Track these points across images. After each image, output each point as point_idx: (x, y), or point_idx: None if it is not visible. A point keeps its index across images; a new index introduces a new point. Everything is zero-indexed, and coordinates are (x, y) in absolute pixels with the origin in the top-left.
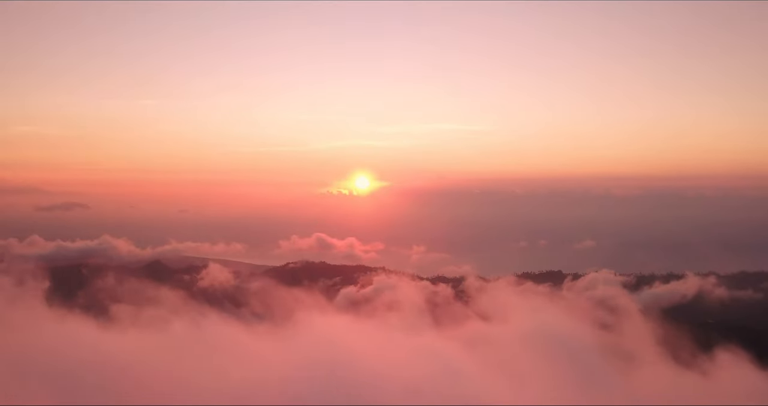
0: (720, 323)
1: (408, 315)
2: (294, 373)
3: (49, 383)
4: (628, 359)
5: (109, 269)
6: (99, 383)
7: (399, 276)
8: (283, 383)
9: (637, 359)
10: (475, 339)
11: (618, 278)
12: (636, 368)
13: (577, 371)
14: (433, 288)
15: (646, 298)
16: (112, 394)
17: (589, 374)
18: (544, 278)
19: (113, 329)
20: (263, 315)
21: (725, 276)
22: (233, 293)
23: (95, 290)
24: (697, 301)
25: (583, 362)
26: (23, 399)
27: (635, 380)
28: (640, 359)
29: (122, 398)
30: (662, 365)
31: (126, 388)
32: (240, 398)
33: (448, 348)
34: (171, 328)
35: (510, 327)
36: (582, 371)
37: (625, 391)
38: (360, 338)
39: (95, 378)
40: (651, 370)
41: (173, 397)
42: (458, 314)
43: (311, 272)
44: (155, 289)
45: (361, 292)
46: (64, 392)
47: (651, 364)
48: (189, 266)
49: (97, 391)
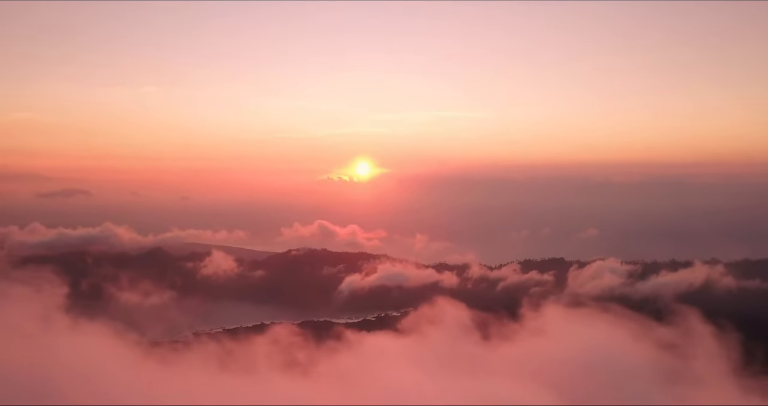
0: (728, 313)
1: (452, 331)
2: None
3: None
4: (690, 382)
5: (111, 256)
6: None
7: (403, 264)
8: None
9: (699, 380)
10: (524, 359)
11: (624, 267)
12: (698, 392)
13: (636, 395)
14: (438, 276)
15: (652, 287)
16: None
17: (648, 399)
18: (547, 267)
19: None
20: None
21: (733, 265)
22: (237, 281)
23: (99, 279)
24: (705, 290)
25: (641, 384)
26: (26, 400)
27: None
28: (703, 380)
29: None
30: (727, 388)
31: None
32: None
33: (495, 368)
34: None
35: (563, 345)
36: (640, 395)
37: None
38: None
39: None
40: (714, 394)
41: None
42: (506, 329)
43: (314, 260)
44: (159, 277)
45: (365, 280)
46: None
47: (715, 386)
48: (191, 254)
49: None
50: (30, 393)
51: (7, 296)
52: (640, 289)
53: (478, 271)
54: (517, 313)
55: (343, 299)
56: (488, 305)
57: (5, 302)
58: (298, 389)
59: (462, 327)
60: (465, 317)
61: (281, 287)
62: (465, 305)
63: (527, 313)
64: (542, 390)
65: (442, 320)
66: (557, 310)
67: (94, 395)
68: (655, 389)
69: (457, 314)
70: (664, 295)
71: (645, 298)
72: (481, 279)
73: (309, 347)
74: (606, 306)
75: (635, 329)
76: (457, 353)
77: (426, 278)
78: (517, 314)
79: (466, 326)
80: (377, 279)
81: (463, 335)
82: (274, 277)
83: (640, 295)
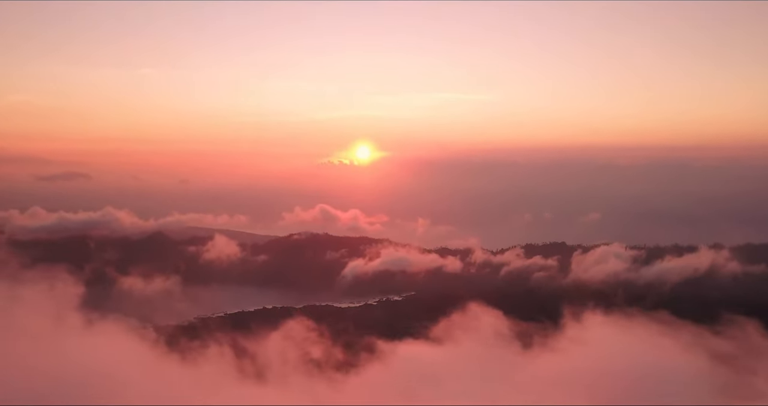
0: (734, 299)
1: (488, 339)
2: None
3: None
4: (749, 397)
5: (113, 241)
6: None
7: (406, 249)
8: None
9: (762, 396)
10: (566, 370)
11: (628, 252)
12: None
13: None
14: (441, 261)
15: (657, 272)
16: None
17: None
18: (551, 251)
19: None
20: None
21: (738, 250)
22: (240, 265)
23: (102, 264)
24: (710, 275)
25: (694, 398)
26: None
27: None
28: (765, 396)
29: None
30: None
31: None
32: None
33: (534, 380)
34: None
35: (607, 355)
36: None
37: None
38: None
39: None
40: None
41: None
42: (544, 338)
43: (316, 244)
44: (161, 261)
45: (369, 265)
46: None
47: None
48: (192, 238)
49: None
50: (43, 393)
51: (17, 294)
52: (645, 274)
53: (481, 256)
54: (555, 320)
55: (346, 283)
56: (501, 297)
57: (14, 300)
58: (324, 399)
59: (498, 335)
60: (501, 325)
61: (284, 272)
62: (470, 291)
63: (567, 320)
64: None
65: (476, 328)
66: (599, 317)
67: (107, 394)
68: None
69: (493, 322)
70: (668, 280)
71: (649, 283)
72: (485, 264)
73: (336, 356)
74: (653, 314)
75: (686, 339)
76: (493, 364)
77: (429, 262)
78: (556, 321)
79: (503, 334)
80: (380, 264)
81: (500, 344)
82: (276, 261)
83: (645, 280)
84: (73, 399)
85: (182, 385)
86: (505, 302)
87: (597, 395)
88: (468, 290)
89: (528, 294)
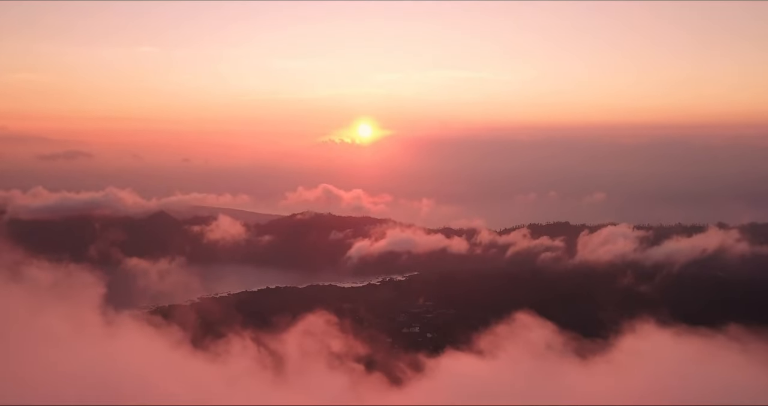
0: (743, 279)
1: (538, 351)
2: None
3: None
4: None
5: (116, 221)
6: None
7: (411, 229)
8: None
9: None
10: (622, 386)
11: (635, 233)
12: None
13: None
14: (446, 241)
15: (665, 253)
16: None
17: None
18: (557, 231)
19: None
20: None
21: (747, 230)
22: (244, 245)
23: (107, 244)
24: (718, 256)
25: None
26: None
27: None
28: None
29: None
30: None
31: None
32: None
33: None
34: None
35: (666, 370)
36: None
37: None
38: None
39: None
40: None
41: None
42: (598, 349)
43: (320, 224)
44: (165, 241)
45: (374, 245)
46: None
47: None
48: (195, 217)
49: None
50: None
51: (22, 278)
52: (652, 255)
53: (486, 236)
54: (610, 330)
55: (352, 264)
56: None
57: (19, 284)
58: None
59: (548, 347)
60: (550, 335)
61: (288, 252)
62: (477, 272)
63: (622, 330)
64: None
65: (525, 339)
66: (654, 327)
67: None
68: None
69: (542, 333)
70: (677, 261)
71: (658, 264)
72: (491, 245)
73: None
74: (718, 326)
75: (757, 353)
76: (544, 378)
77: (435, 243)
78: (611, 332)
79: (553, 345)
80: (386, 245)
81: (551, 357)
82: (280, 241)
83: (652, 261)
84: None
85: (188, 369)
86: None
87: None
88: (474, 271)
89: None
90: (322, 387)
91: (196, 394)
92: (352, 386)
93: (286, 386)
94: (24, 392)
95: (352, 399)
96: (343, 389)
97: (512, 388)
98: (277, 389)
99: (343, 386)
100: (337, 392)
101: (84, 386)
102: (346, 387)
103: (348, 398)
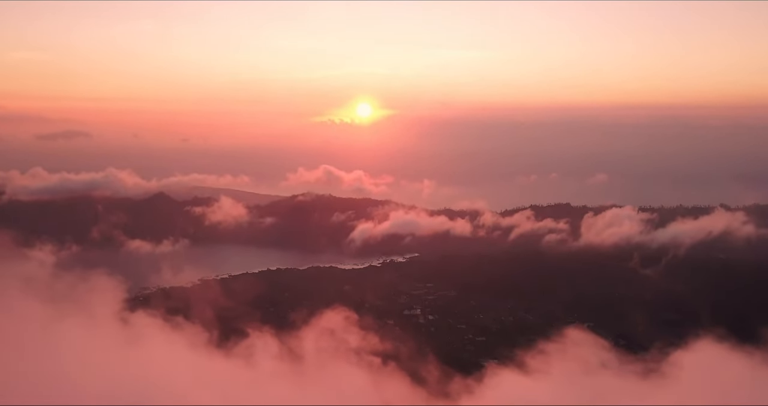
0: (748, 262)
1: (592, 369)
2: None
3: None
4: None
5: (116, 202)
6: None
7: (414, 211)
8: None
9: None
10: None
11: (640, 215)
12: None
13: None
14: (450, 223)
15: (670, 235)
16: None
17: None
18: (561, 213)
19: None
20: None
21: (752, 211)
22: (245, 226)
23: (108, 226)
24: (724, 238)
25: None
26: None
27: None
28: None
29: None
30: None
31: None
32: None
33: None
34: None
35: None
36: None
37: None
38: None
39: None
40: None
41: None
42: (656, 368)
43: (321, 206)
44: (165, 223)
45: (377, 228)
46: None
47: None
48: (195, 199)
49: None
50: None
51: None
52: (658, 237)
53: (490, 218)
54: (667, 346)
55: (355, 247)
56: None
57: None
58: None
59: (604, 365)
60: (605, 353)
61: (290, 234)
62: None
63: (681, 346)
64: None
65: (578, 357)
66: (713, 344)
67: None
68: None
69: (594, 351)
70: (683, 243)
71: (663, 246)
72: (494, 227)
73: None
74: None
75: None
76: (600, 399)
77: (438, 225)
78: (668, 348)
79: (609, 363)
80: (390, 227)
81: (608, 376)
82: (282, 223)
83: (658, 243)
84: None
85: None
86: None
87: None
88: (477, 253)
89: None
90: (321, 368)
91: (199, 375)
92: (360, 377)
93: (297, 375)
94: (29, 382)
95: (353, 389)
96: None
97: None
98: (289, 378)
99: (349, 374)
100: (342, 377)
101: (91, 370)
102: (355, 376)
103: (349, 389)
